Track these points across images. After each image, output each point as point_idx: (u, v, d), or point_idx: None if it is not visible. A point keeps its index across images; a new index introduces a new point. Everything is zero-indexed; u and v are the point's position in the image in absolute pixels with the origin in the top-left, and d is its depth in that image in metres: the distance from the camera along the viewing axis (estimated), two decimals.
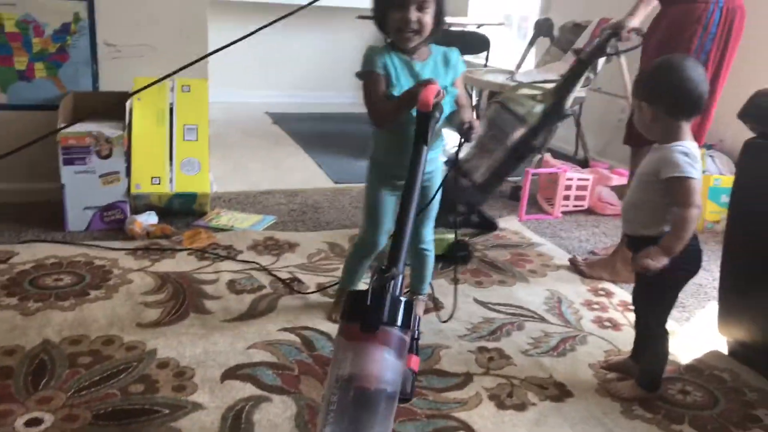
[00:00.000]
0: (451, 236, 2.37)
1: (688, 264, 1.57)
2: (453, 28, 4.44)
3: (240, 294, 2.08)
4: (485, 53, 4.29)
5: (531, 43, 3.92)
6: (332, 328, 1.88)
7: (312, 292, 2.10)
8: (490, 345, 1.86)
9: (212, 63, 3.27)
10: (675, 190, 1.50)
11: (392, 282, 1.24)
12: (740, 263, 1.83)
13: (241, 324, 1.90)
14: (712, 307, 2.00)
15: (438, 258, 2.16)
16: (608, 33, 2.35)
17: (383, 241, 1.86)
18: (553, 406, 1.61)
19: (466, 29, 4.51)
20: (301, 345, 1.80)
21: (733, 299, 1.87)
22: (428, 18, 1.66)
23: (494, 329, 1.96)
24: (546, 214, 3.10)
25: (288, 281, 2.17)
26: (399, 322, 1.19)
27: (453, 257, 2.35)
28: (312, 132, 4.55)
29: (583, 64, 2.51)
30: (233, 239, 2.51)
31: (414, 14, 1.63)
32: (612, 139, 3.97)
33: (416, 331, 1.27)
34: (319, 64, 5.68)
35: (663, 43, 2.08)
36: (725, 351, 1.90)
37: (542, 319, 2.04)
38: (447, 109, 1.66)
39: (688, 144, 1.53)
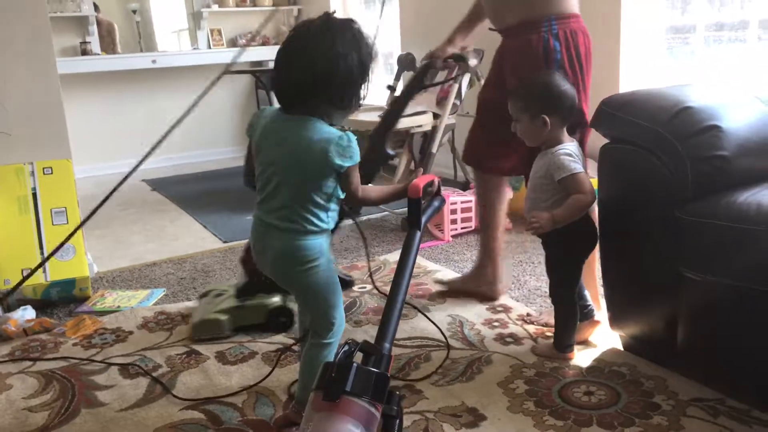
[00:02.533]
0: (274, 301, 2.23)
1: (583, 243, 1.90)
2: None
3: (135, 378, 1.96)
4: None
5: (397, 78, 4.03)
6: (237, 399, 1.81)
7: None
8: (400, 383, 1.85)
9: (75, 139, 3.13)
10: (569, 186, 1.80)
11: (371, 357, 1.23)
12: (614, 261, 1.93)
13: (140, 410, 1.79)
14: (603, 306, 2.09)
15: (256, 326, 2.19)
16: (424, 64, 2.38)
17: None
18: None
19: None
20: (207, 421, 1.72)
21: (617, 296, 1.97)
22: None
23: (402, 365, 1.95)
24: (437, 239, 3.17)
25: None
26: (366, 394, 1.17)
27: (273, 324, 2.22)
28: (193, 193, 4.44)
29: (401, 99, 2.43)
30: (121, 320, 2.37)
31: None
32: None
33: (394, 410, 1.22)
34: (192, 123, 5.56)
35: (517, 66, 2.10)
36: (621, 346, 2.00)
37: (448, 347, 2.06)
38: None
39: (569, 145, 1.84)
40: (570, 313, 1.94)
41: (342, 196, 1.54)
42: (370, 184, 1.64)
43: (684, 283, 1.70)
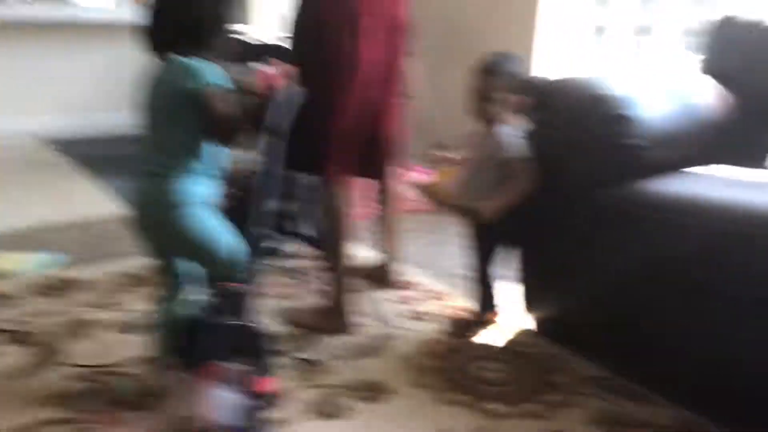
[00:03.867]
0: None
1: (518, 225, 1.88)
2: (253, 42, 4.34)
3: (22, 345, 1.84)
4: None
5: None
6: (136, 368, 1.74)
7: None
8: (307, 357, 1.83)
9: None
10: (516, 168, 1.81)
11: (227, 302, 1.18)
12: (528, 246, 1.95)
13: (28, 378, 1.68)
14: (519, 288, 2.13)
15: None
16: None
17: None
18: (372, 407, 1.61)
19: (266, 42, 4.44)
20: (102, 390, 1.64)
21: (531, 280, 2.01)
22: None
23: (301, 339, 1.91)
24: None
25: None
26: (226, 353, 1.12)
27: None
28: (105, 157, 4.23)
29: None
30: (13, 286, 2.22)
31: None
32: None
33: (262, 350, 1.18)
34: (104, 84, 5.28)
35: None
36: (533, 328, 2.03)
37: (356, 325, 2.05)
38: None
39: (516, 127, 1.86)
40: (492, 285, 1.99)
41: None
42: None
43: (591, 268, 1.75)
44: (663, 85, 1.95)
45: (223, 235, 1.48)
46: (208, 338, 1.11)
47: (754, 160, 1.78)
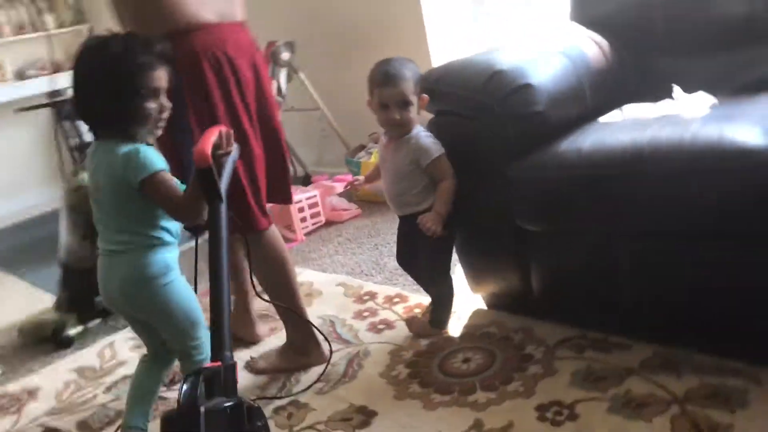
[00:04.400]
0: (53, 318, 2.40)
1: (455, 223, 1.87)
2: None
3: None
4: None
5: None
6: None
7: None
8: (284, 402, 1.79)
9: None
10: (439, 169, 1.82)
11: (216, 381, 1.13)
12: (461, 228, 1.96)
13: None
14: (459, 272, 2.16)
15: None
16: None
17: None
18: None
19: None
20: None
21: (471, 259, 2.05)
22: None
23: (281, 384, 1.89)
24: (291, 241, 3.11)
25: None
26: None
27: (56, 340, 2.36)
28: (10, 248, 4.00)
29: None
30: None
31: (167, 101, 1.51)
32: (324, 150, 4.13)
33: (259, 422, 1.15)
34: None
35: None
36: (484, 306, 2.07)
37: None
38: None
39: (421, 127, 1.86)
40: (449, 292, 1.98)
41: None
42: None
43: (526, 236, 1.80)
44: (545, 46, 2.00)
45: (200, 313, 1.55)
46: (201, 425, 1.04)
47: (661, 93, 1.84)
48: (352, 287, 2.44)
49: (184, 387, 1.09)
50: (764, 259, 1.39)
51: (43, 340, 2.47)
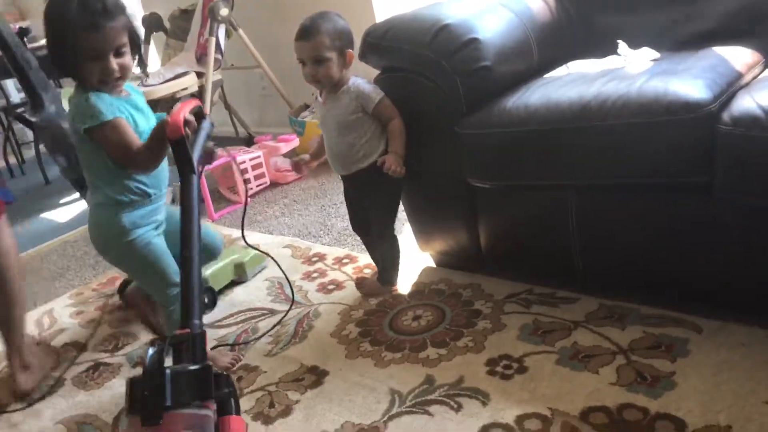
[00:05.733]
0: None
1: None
2: None
3: None
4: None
5: (146, 42, 3.71)
6: None
7: None
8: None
9: None
10: (383, 112, 1.78)
11: (184, 348, 1.11)
12: (408, 185, 1.95)
13: None
14: (408, 231, 2.15)
15: None
16: None
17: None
18: (316, 392, 1.59)
19: None
20: None
21: (418, 217, 2.04)
22: (129, 60, 1.53)
23: (231, 348, 1.86)
24: (235, 203, 3.04)
25: None
26: (189, 399, 1.04)
27: None
28: None
29: None
30: None
31: (114, 63, 1.49)
32: (266, 109, 4.03)
33: (227, 389, 1.12)
34: None
35: None
36: (433, 264, 2.08)
37: (272, 312, 2.00)
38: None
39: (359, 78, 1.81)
40: (396, 248, 1.98)
41: None
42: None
43: (475, 193, 1.80)
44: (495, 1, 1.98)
45: (168, 265, 1.64)
46: (166, 387, 1.03)
47: (607, 49, 1.84)
48: (300, 249, 2.41)
49: (150, 351, 1.07)
50: (707, 210, 1.42)
51: None
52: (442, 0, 2.05)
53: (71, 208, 3.65)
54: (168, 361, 1.06)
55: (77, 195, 3.86)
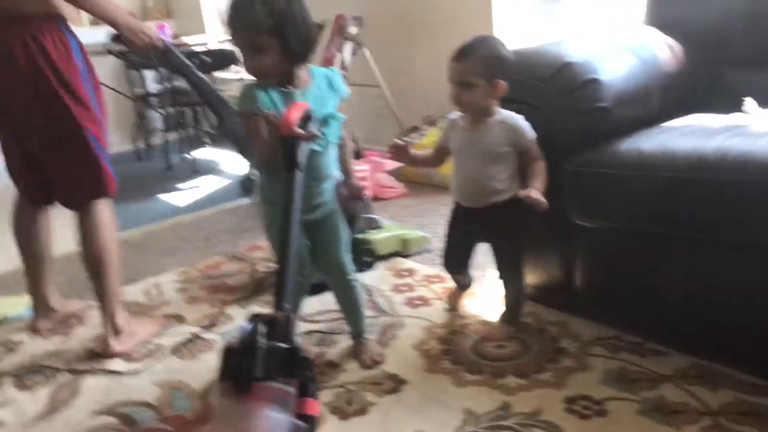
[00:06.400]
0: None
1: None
2: (196, 48, 4.33)
3: (33, 390, 1.83)
4: (233, 67, 4.24)
5: None
6: (151, 397, 1.74)
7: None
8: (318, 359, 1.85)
9: None
10: (535, 149, 1.72)
11: (275, 328, 1.17)
12: None
13: (44, 423, 1.68)
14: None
15: None
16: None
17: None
18: (393, 398, 1.64)
19: (209, 47, 4.43)
20: (121, 425, 1.64)
21: None
22: (268, 60, 1.50)
23: (319, 342, 1.94)
24: None
25: None
26: (277, 374, 1.13)
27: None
28: None
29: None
30: (8, 331, 2.20)
31: (249, 61, 1.52)
32: (377, 127, 4.15)
33: (307, 373, 1.20)
34: None
35: None
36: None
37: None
38: (334, 134, 1.62)
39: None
40: (524, 287, 1.90)
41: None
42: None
43: (576, 231, 1.80)
44: (617, 43, 1.99)
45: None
46: (258, 360, 1.12)
47: (732, 105, 1.81)
48: (392, 261, 2.47)
49: (248, 325, 1.17)
50: None
51: None
52: (568, 38, 2.08)
53: (187, 193, 3.90)
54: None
55: (194, 182, 4.12)
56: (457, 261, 1.96)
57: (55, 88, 1.82)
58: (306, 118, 1.47)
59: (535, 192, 1.64)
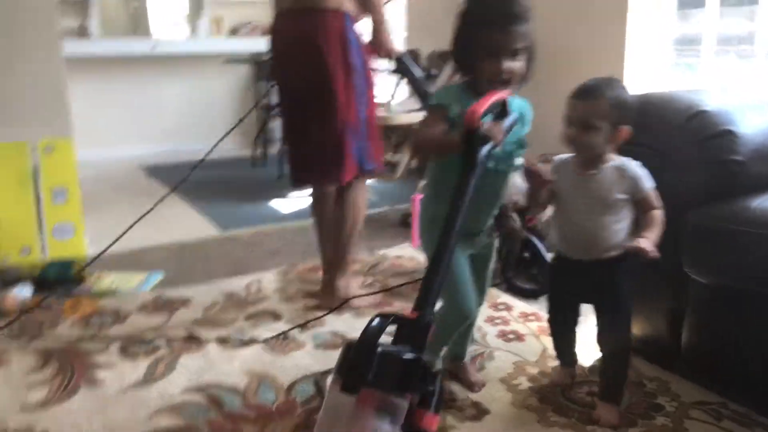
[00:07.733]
0: None
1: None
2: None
3: (135, 359, 1.94)
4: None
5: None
6: (240, 383, 1.80)
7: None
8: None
9: (76, 120, 3.10)
10: (652, 199, 1.56)
11: (404, 333, 1.12)
12: None
13: (140, 390, 1.77)
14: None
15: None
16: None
17: (473, 308, 1.67)
18: (474, 425, 1.61)
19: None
20: (208, 404, 1.70)
21: None
22: (520, 66, 1.52)
23: None
24: None
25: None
26: (389, 383, 1.05)
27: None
28: (191, 181, 4.40)
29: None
30: (119, 303, 2.35)
31: (505, 64, 1.50)
32: None
33: (432, 387, 1.10)
34: (190, 112, 5.54)
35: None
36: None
37: None
38: (518, 162, 1.62)
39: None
40: (629, 361, 1.71)
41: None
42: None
43: (690, 286, 1.71)
44: (757, 97, 1.90)
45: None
46: (372, 365, 1.05)
47: None
48: (490, 294, 2.43)
49: (373, 323, 1.11)
50: None
51: None
52: (703, 88, 2.01)
53: (294, 201, 4.03)
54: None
55: (300, 193, 4.26)
56: (564, 323, 1.77)
57: (331, 71, 2.06)
58: (497, 114, 1.43)
59: (646, 241, 1.48)
